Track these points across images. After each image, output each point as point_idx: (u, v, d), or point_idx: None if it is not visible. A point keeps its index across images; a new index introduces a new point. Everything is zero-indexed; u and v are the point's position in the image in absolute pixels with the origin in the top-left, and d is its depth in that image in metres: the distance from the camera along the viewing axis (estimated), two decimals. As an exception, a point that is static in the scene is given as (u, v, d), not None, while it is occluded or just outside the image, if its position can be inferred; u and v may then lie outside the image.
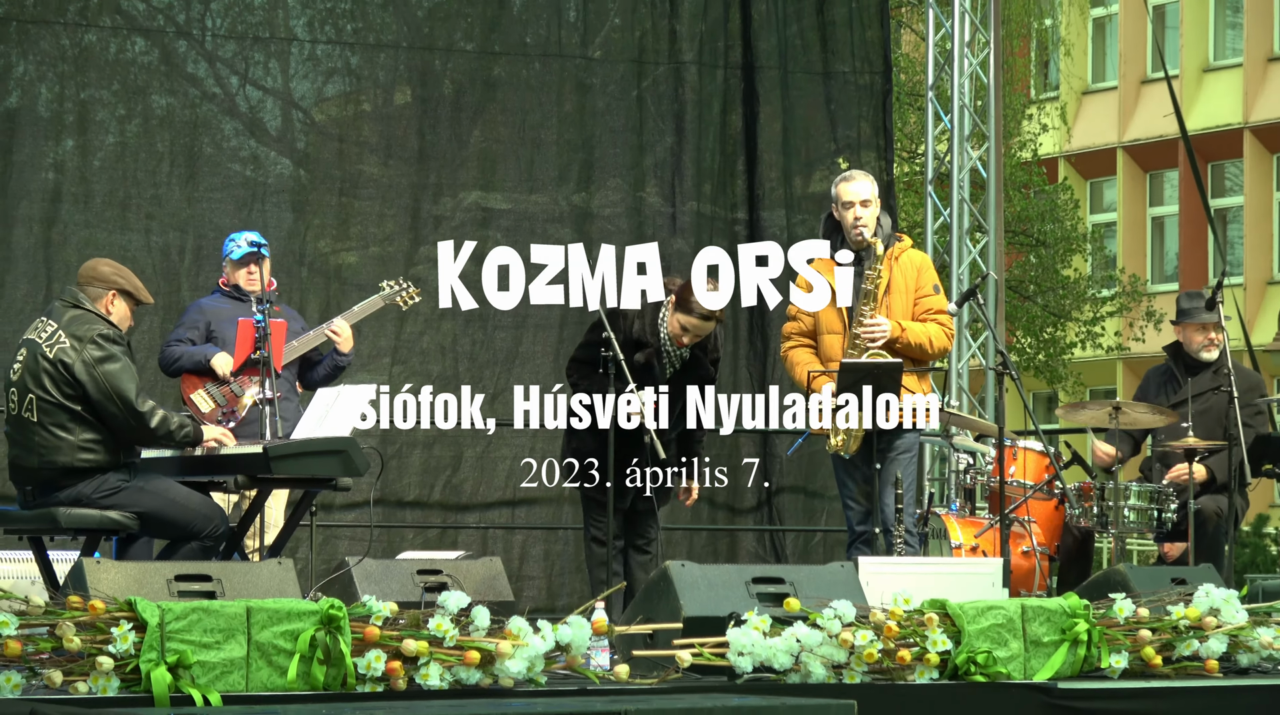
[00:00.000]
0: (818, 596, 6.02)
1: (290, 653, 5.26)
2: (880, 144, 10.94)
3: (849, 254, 7.22)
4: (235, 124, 9.83)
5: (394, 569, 6.86)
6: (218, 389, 7.70)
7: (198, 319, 7.84)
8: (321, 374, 7.96)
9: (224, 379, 7.72)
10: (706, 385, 7.15)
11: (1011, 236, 19.53)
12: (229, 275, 7.93)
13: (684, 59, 10.56)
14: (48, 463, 6.55)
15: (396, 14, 10.13)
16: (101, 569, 5.49)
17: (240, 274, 7.88)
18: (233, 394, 7.70)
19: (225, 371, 7.70)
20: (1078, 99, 25.39)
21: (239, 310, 7.79)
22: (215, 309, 7.87)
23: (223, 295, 7.94)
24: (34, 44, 9.38)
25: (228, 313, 7.84)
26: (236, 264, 7.90)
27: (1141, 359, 22.64)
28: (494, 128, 10.20)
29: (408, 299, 8.18)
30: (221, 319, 7.83)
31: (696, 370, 7.45)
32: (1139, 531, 8.33)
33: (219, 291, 7.98)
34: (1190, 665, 6.44)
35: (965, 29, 11.18)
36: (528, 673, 5.47)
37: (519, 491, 10.06)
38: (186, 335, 7.80)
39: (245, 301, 7.80)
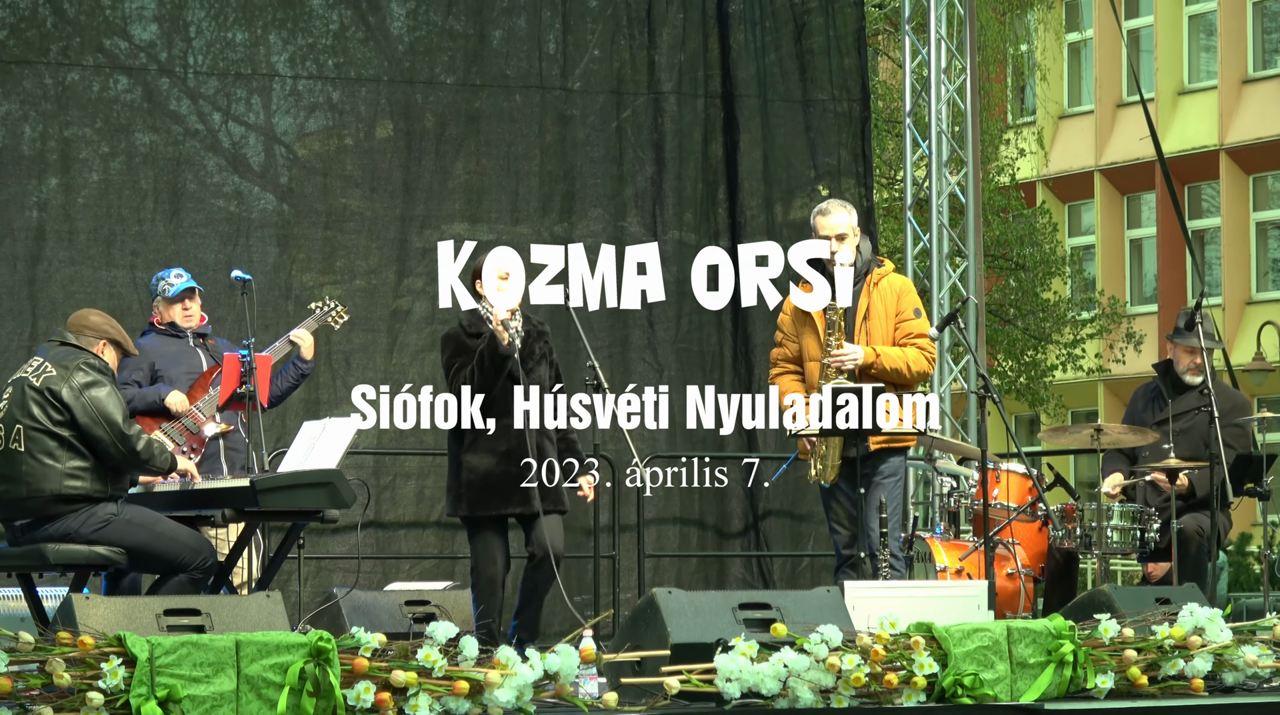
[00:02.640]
0: (804, 621, 6.04)
1: (280, 685, 5.27)
2: (859, 170, 11.01)
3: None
4: (218, 160, 9.87)
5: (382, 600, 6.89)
6: (174, 428, 7.71)
7: (140, 360, 7.77)
8: (284, 386, 7.98)
9: (178, 415, 7.71)
10: (558, 381, 7.28)
11: (991, 260, 19.61)
12: (162, 313, 7.93)
13: (663, 89, 10.63)
14: (35, 492, 6.57)
15: (377, 49, 10.18)
16: (91, 605, 5.51)
17: (175, 310, 7.90)
18: (189, 431, 7.71)
19: (181, 407, 7.69)
20: (1054, 123, 25.52)
21: (179, 347, 7.82)
22: (157, 348, 7.85)
23: (158, 333, 7.94)
24: (16, 83, 9.43)
25: (171, 350, 7.84)
26: (170, 301, 7.90)
27: (1122, 380, 22.72)
28: (476, 160, 10.26)
29: (337, 318, 8.21)
30: (165, 357, 7.82)
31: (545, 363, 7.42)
32: (1122, 552, 8.37)
33: (152, 330, 7.96)
34: (1176, 684, 6.47)
35: (942, 56, 11.26)
36: (517, 702, 5.49)
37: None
38: (133, 377, 7.75)
39: (183, 337, 7.86)
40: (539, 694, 5.57)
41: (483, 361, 7.18)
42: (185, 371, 7.79)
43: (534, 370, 7.33)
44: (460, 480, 7.30)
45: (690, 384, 10.43)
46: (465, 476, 7.27)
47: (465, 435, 7.24)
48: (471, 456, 7.26)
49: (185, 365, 7.82)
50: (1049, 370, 21.19)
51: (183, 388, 7.73)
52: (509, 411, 7.01)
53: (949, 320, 8.08)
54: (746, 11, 10.77)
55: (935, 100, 11.23)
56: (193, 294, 7.92)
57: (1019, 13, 21.34)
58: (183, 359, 7.84)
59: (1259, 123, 23.71)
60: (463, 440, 7.28)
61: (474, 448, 7.25)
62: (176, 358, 7.81)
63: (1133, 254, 25.60)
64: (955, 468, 9.08)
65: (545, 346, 7.47)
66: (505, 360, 7.22)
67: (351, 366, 9.89)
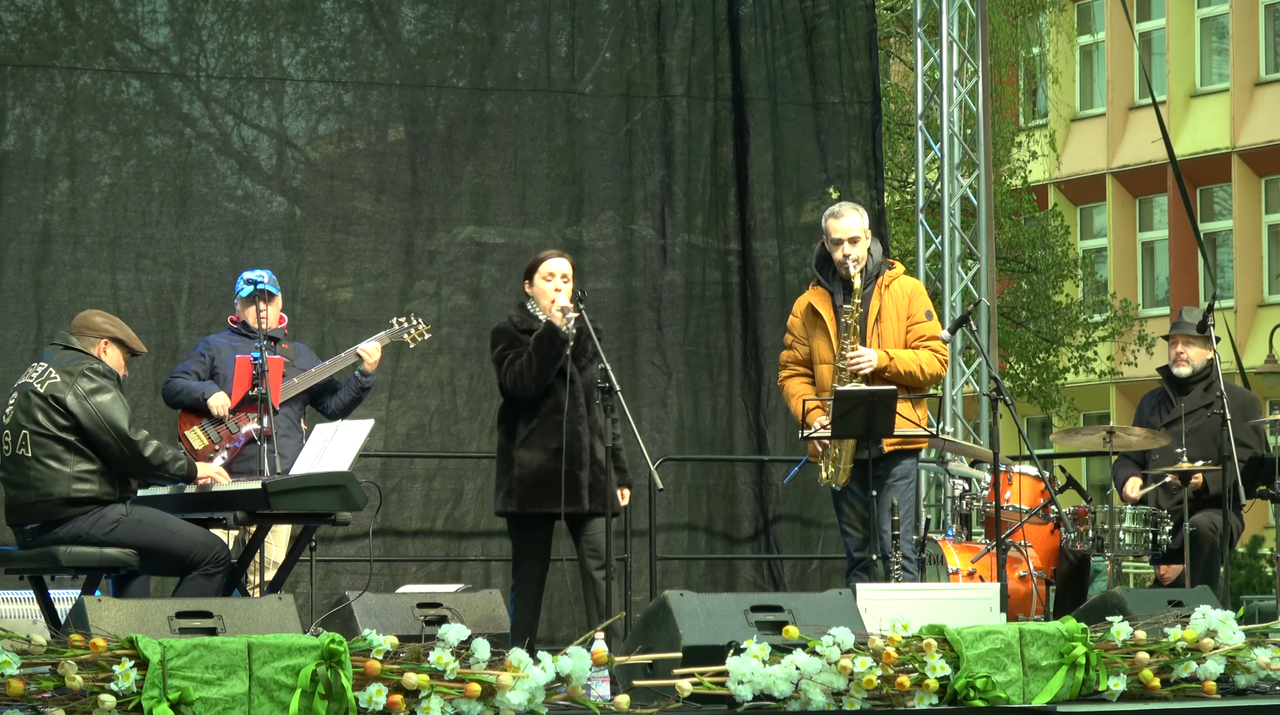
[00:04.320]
0: (816, 624, 6.04)
1: (292, 688, 5.27)
2: (870, 173, 11.01)
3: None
4: (230, 163, 9.88)
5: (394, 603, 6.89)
6: (213, 427, 7.77)
7: (204, 353, 8.00)
8: (346, 399, 8.04)
9: (219, 417, 7.78)
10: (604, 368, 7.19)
11: (1003, 263, 19.60)
12: (240, 312, 8.07)
13: (674, 92, 10.63)
14: (44, 496, 6.57)
15: (389, 52, 10.19)
16: (103, 607, 5.51)
17: (249, 312, 7.99)
18: (228, 432, 7.75)
19: (221, 411, 7.76)
20: (1066, 126, 25.50)
21: (244, 347, 7.87)
22: (221, 346, 8.01)
23: (232, 332, 8.08)
24: (29, 87, 9.44)
25: (235, 349, 7.95)
26: (244, 302, 8.01)
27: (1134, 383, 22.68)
28: (486, 163, 10.26)
29: (415, 337, 8.25)
30: (226, 355, 7.95)
31: (597, 362, 7.37)
32: (1135, 555, 8.36)
33: (230, 328, 8.12)
34: (1188, 687, 6.47)
35: (954, 58, 11.25)
36: (529, 704, 5.49)
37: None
38: (192, 368, 7.95)
39: (253, 338, 7.89)
40: (551, 696, 5.57)
41: (540, 344, 7.13)
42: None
43: (586, 368, 7.31)
44: (511, 476, 7.24)
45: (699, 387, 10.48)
46: (516, 473, 7.22)
47: (517, 431, 7.23)
48: (523, 453, 7.20)
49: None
50: (1061, 373, 21.17)
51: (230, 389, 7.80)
52: (560, 408, 7.01)
53: (961, 323, 8.07)
54: (757, 15, 10.76)
55: (947, 103, 11.22)
56: (266, 296, 7.95)
57: (1031, 15, 21.32)
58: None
59: (1271, 125, 23.67)
60: (514, 437, 7.25)
61: (526, 444, 7.21)
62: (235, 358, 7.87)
63: (1145, 257, 25.56)
64: (967, 470, 9.07)
65: (597, 345, 7.44)
66: (563, 345, 7.17)
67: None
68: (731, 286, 10.64)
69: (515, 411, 7.27)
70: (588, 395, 7.24)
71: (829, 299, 7.71)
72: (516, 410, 7.27)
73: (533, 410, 7.17)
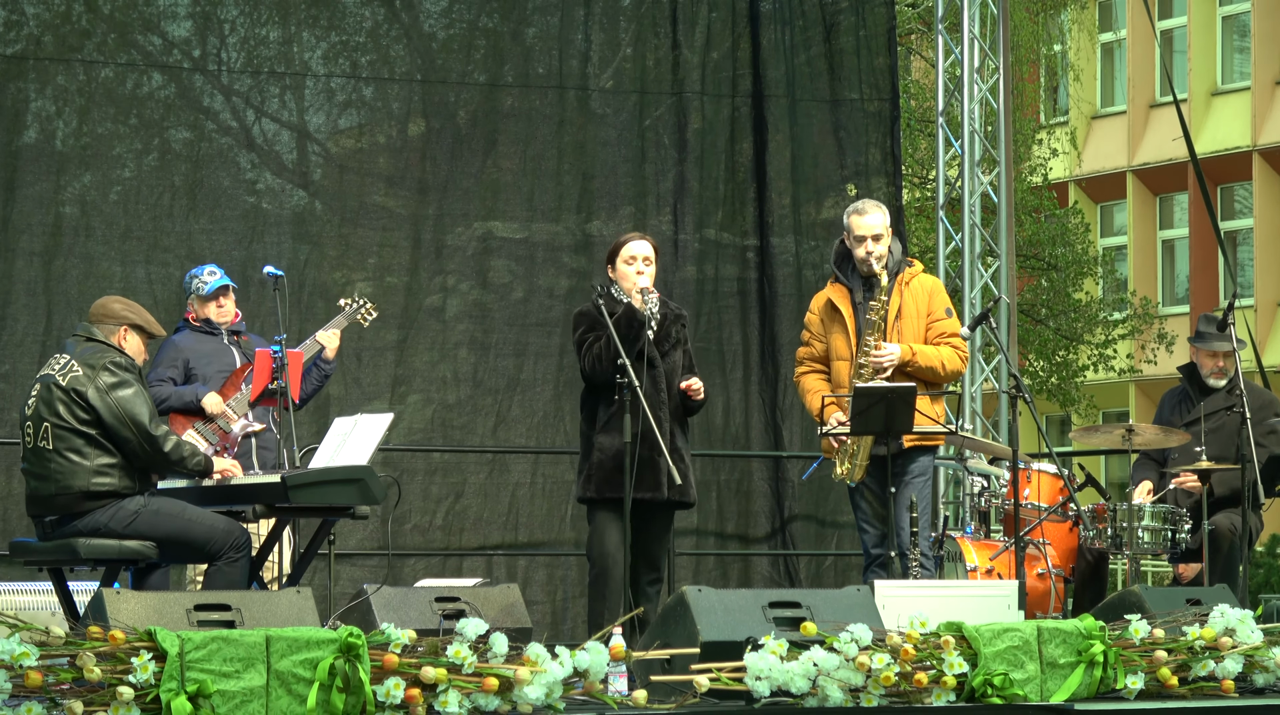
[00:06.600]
0: (834, 620, 6.04)
1: (310, 681, 5.29)
2: (889, 170, 11.00)
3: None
4: (251, 157, 9.90)
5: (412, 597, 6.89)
6: (207, 427, 7.73)
7: (175, 357, 7.84)
8: (309, 388, 7.99)
9: (212, 417, 7.73)
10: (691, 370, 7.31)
11: (1023, 260, 19.56)
12: (197, 310, 7.95)
13: (694, 88, 10.62)
14: (64, 488, 6.59)
15: (410, 47, 10.21)
16: (121, 599, 5.52)
17: (210, 307, 7.92)
18: (223, 431, 7.73)
19: (216, 411, 7.71)
20: (1087, 123, 25.43)
21: (213, 344, 7.85)
22: (191, 346, 7.88)
23: (193, 331, 7.95)
24: (50, 80, 9.47)
25: (206, 347, 7.87)
26: (205, 298, 7.93)
27: (1154, 381, 22.63)
28: (506, 158, 10.27)
29: (366, 316, 8.22)
30: (200, 355, 7.84)
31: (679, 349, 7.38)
32: (1153, 553, 8.34)
33: (187, 327, 7.98)
34: (1206, 685, 6.46)
35: (975, 55, 11.23)
36: (546, 699, 5.50)
37: (522, 517, 10.10)
38: (167, 374, 7.79)
39: (217, 334, 7.89)
40: (568, 691, 5.58)
41: (620, 326, 7.08)
42: (218, 369, 7.82)
43: (669, 354, 7.30)
44: (591, 461, 7.23)
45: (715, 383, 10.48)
46: (596, 457, 7.20)
47: (598, 416, 7.21)
48: (604, 437, 7.18)
49: (218, 363, 7.84)
50: (1080, 370, 21.12)
51: (215, 385, 7.76)
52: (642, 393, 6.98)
53: (981, 320, 8.06)
54: (777, 11, 10.76)
55: (968, 100, 11.21)
56: (227, 291, 7.94)
57: (1052, 13, 21.27)
58: (216, 356, 7.86)
59: (1293, 124, 23.59)
60: (595, 421, 7.24)
61: (606, 429, 7.18)
62: (210, 355, 7.84)
63: (1165, 255, 25.49)
64: (986, 467, 9.06)
65: (681, 331, 7.41)
66: (641, 326, 7.15)
67: (384, 362, 9.92)
68: (749, 282, 10.64)
69: (596, 396, 7.25)
70: (669, 381, 7.23)
71: (848, 296, 7.71)
72: (598, 395, 7.24)
73: (613, 395, 7.11)
